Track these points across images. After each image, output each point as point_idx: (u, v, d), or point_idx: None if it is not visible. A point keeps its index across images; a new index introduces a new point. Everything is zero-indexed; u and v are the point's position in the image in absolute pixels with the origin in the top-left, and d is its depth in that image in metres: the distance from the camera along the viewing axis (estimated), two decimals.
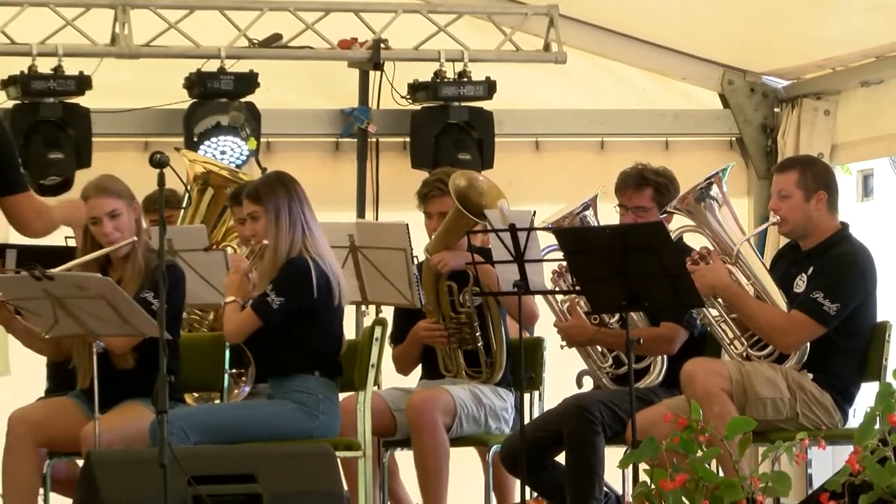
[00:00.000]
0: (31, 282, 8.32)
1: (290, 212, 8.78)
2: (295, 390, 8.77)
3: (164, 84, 12.58)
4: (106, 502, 7.36)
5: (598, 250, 8.83)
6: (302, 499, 7.58)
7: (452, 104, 12.80)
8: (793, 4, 12.11)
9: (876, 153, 14.81)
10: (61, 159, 12.24)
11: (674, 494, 7.23)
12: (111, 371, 8.52)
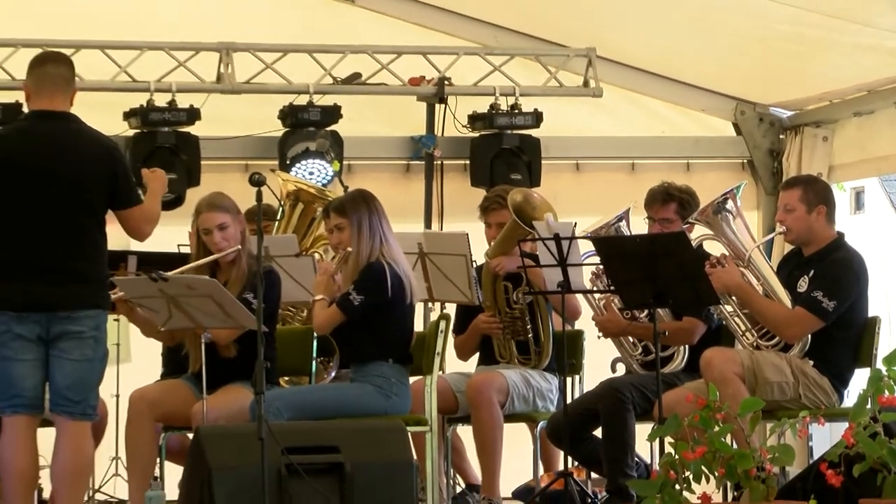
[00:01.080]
0: (149, 283, 8.36)
1: (370, 223, 8.82)
2: (372, 375, 8.81)
3: (261, 115, 12.59)
4: (212, 470, 7.38)
5: (629, 256, 8.86)
6: (378, 467, 7.58)
7: (506, 132, 12.77)
8: (795, 45, 12.05)
9: (867, 173, 14.81)
10: (175, 179, 12.22)
11: (694, 464, 7.22)
12: (216, 358, 8.56)
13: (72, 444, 7.91)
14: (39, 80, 8.01)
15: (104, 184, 7.94)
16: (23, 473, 7.89)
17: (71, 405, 7.85)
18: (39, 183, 7.85)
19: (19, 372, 7.82)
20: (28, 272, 7.81)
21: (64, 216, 7.87)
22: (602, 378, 9.59)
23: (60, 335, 7.80)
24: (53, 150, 7.90)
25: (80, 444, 7.96)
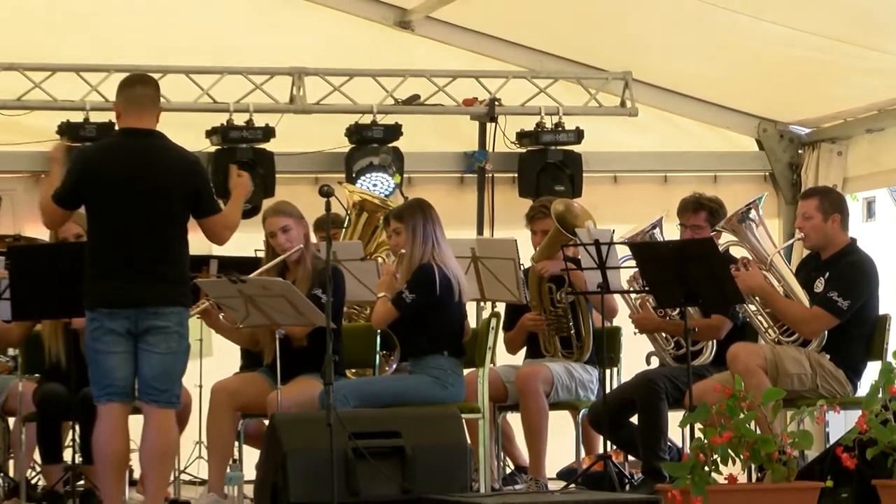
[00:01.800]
0: (229, 284, 8.39)
1: (423, 229, 8.83)
2: (430, 367, 8.80)
3: (330, 133, 12.61)
4: (286, 454, 7.40)
5: (662, 260, 8.85)
6: (435, 451, 7.59)
7: (550, 148, 12.77)
8: (813, 69, 12.02)
9: (878, 185, 14.78)
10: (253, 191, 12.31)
11: (721, 448, 7.20)
12: (289, 352, 8.57)
13: (158, 430, 7.92)
14: (128, 100, 8.02)
15: (187, 195, 7.94)
16: (116, 456, 7.90)
17: (157, 394, 7.86)
18: (129, 194, 7.85)
19: (111, 364, 7.82)
20: (119, 273, 7.81)
21: (151, 224, 7.87)
22: (638, 370, 9.58)
23: (148, 330, 7.80)
24: (142, 164, 7.90)
25: (165, 430, 7.96)
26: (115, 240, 7.88)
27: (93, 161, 8.07)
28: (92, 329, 7.86)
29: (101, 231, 7.92)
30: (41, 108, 12.06)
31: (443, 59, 13.00)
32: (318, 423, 7.42)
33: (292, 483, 7.32)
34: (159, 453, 7.94)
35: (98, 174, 7.93)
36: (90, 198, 7.93)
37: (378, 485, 7.39)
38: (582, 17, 12.39)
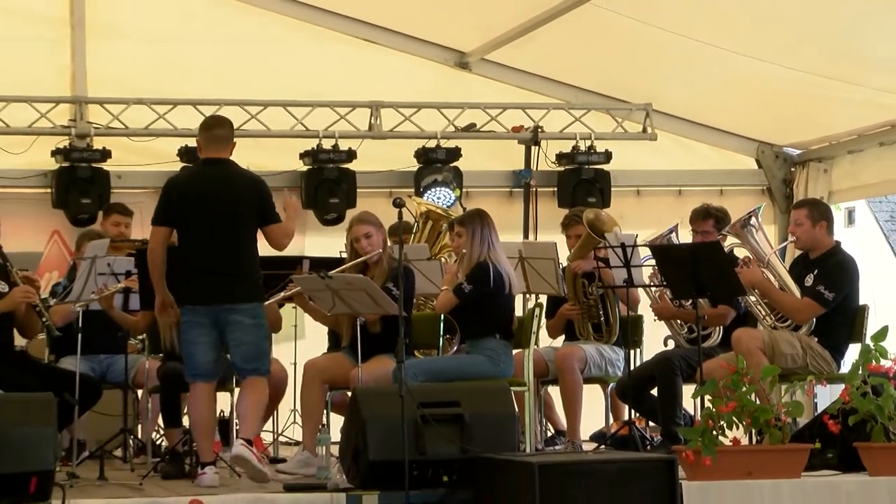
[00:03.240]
0: (319, 280, 8.39)
1: (481, 233, 8.83)
2: (484, 347, 8.78)
3: (401, 155, 12.63)
4: (365, 421, 7.38)
5: (677, 259, 8.85)
6: (488, 418, 7.55)
7: (584, 167, 12.75)
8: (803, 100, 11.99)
9: (857, 196, 14.89)
10: (337, 203, 12.33)
11: (727, 415, 7.20)
12: (367, 335, 8.56)
13: (249, 389, 8.06)
14: (208, 138, 8.18)
15: (253, 208, 8.06)
16: (205, 422, 8.06)
17: (246, 371, 8.03)
18: (210, 210, 7.98)
19: (197, 352, 7.99)
20: (203, 275, 7.95)
21: (227, 233, 8.00)
22: (657, 351, 9.53)
23: (229, 323, 7.95)
24: (218, 186, 8.05)
25: (255, 389, 8.08)
26: (198, 248, 8.01)
27: (180, 185, 8.24)
28: (183, 322, 8.06)
29: (187, 241, 8.07)
30: (164, 135, 12.12)
31: (495, 93, 12.99)
32: (391, 394, 7.40)
33: (371, 444, 7.30)
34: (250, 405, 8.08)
35: (184, 195, 8.09)
36: (179, 215, 8.07)
37: (441, 446, 7.37)
38: (610, 58, 12.38)
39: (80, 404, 8.52)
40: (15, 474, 6.85)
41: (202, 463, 7.90)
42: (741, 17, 10.83)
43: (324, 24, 12.72)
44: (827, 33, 10.78)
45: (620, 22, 11.23)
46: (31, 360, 9.12)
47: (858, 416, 7.34)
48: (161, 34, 12.38)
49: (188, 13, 12.46)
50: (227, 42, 12.50)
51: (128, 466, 8.95)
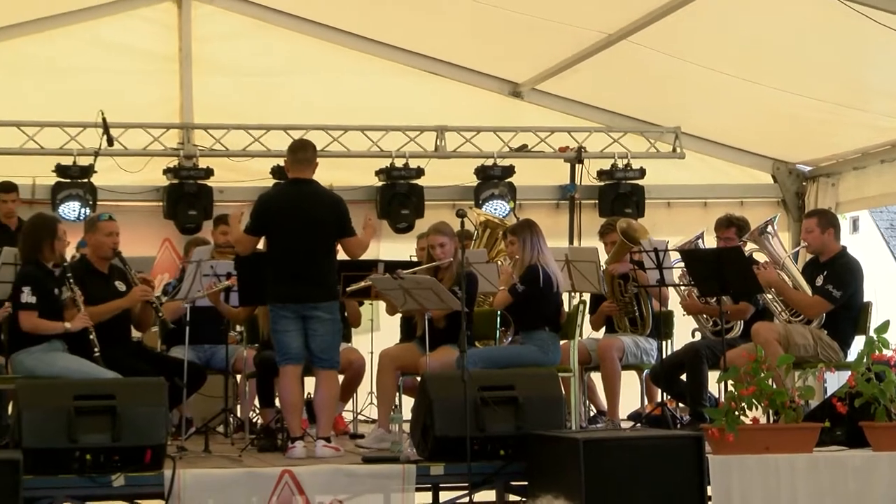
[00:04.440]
0: (392, 280, 8.41)
1: (531, 240, 8.81)
2: (535, 339, 8.76)
3: (463, 172, 12.62)
4: (432, 401, 7.40)
5: (704, 262, 8.78)
6: (539, 400, 7.54)
7: (621, 182, 12.70)
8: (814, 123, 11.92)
9: (861, 207, 14.80)
10: (407, 214, 12.35)
11: (747, 398, 7.16)
12: (434, 328, 8.57)
13: (325, 385, 8.12)
14: (294, 160, 8.23)
15: (332, 224, 8.10)
16: (294, 402, 8.10)
17: (322, 361, 8.07)
18: (295, 224, 8.02)
19: (286, 339, 8.03)
20: (290, 278, 8.00)
21: (309, 244, 8.03)
22: (686, 342, 9.47)
23: (310, 317, 8.00)
24: (303, 203, 8.09)
25: (330, 384, 8.17)
26: (285, 255, 8.05)
27: (270, 201, 8.29)
28: (272, 316, 8.12)
29: (276, 249, 8.13)
30: (259, 155, 12.19)
31: (544, 118, 12.97)
32: (455, 379, 7.42)
33: (437, 422, 7.32)
34: (326, 399, 8.14)
35: (274, 210, 8.15)
36: (269, 227, 8.13)
37: (498, 424, 7.37)
38: (644, 88, 12.32)
39: (188, 387, 8.57)
40: (133, 447, 6.92)
41: (292, 438, 7.94)
42: (758, 52, 10.79)
43: (396, 59, 12.75)
44: (835, 65, 10.72)
45: (653, 56, 11.21)
46: (145, 349, 9.20)
47: (863, 398, 7.28)
48: (255, 69, 12.46)
49: (279, 51, 12.53)
50: (312, 75, 12.56)
51: (228, 441, 8.97)
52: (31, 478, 6.60)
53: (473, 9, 11.09)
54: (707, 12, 10.10)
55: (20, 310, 8.06)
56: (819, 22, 9.70)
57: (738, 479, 6.98)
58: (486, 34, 11.89)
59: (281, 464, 7.30)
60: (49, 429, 6.82)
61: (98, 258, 8.65)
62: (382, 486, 7.16)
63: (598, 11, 10.85)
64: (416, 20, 11.98)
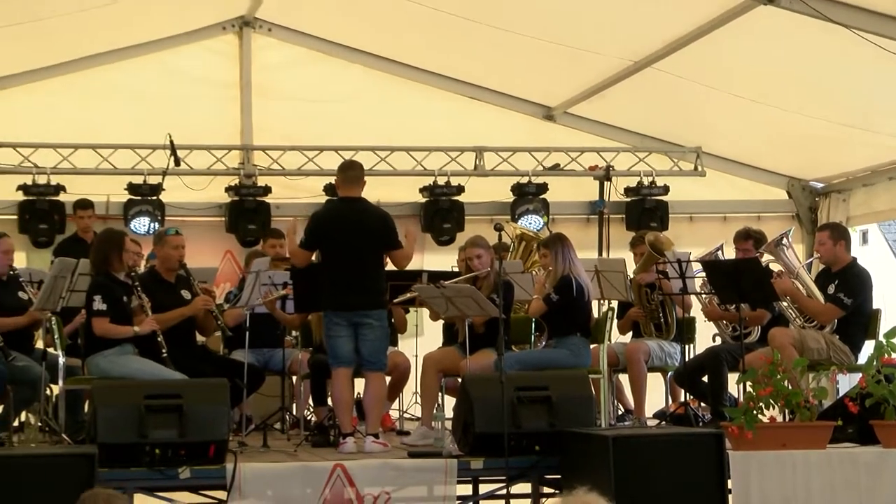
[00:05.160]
0: (435, 289, 8.41)
1: (563, 253, 8.78)
2: (567, 343, 8.72)
3: (500, 189, 12.62)
4: (472, 400, 7.39)
5: (724, 272, 8.72)
6: (571, 399, 7.52)
7: (647, 198, 12.67)
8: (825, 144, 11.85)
9: (870, 221, 14.68)
10: (449, 228, 12.37)
11: (765, 398, 7.12)
12: (473, 333, 8.56)
13: (374, 385, 8.17)
14: (344, 179, 8.27)
15: (380, 238, 8.12)
16: (345, 401, 8.11)
17: (371, 364, 8.10)
18: (346, 239, 8.04)
19: (338, 344, 8.04)
20: (341, 289, 8.01)
21: (359, 257, 8.04)
22: (707, 346, 9.44)
23: (360, 324, 8.01)
24: (353, 219, 8.11)
25: (378, 385, 8.21)
26: (337, 267, 8.06)
27: (323, 217, 8.32)
28: (326, 322, 8.14)
29: (330, 262, 8.14)
30: (313, 174, 12.23)
31: (574, 139, 12.95)
32: (494, 380, 7.40)
33: (477, 420, 7.31)
34: (374, 398, 8.17)
35: (327, 226, 8.17)
36: (323, 241, 8.15)
37: (533, 421, 7.36)
38: (667, 111, 12.29)
39: (248, 387, 8.58)
40: (197, 442, 6.95)
41: (343, 434, 7.96)
42: (773, 77, 10.73)
43: (438, 85, 12.78)
44: (845, 89, 10.65)
45: (675, 82, 11.18)
46: (209, 352, 9.23)
47: (873, 399, 7.22)
48: (309, 95, 12.53)
49: (331, 78, 12.59)
50: (361, 100, 12.61)
51: (285, 437, 9.00)
52: (106, 470, 6.63)
53: (509, 38, 11.10)
54: (726, 41, 10.07)
55: (92, 316, 8.11)
56: (830, 49, 9.65)
57: (757, 473, 6.93)
58: (522, 62, 11.89)
59: (333, 458, 7.31)
60: (122, 425, 6.86)
61: (166, 269, 8.70)
62: (427, 479, 7.16)
63: (626, 40, 10.84)
64: (457, 50, 12.00)
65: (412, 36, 12.00)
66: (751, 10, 9.36)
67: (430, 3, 10.81)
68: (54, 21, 10.88)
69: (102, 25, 11.38)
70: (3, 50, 11.21)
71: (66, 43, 11.62)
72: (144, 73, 12.26)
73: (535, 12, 10.61)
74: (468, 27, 11.04)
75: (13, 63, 11.75)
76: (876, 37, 9.01)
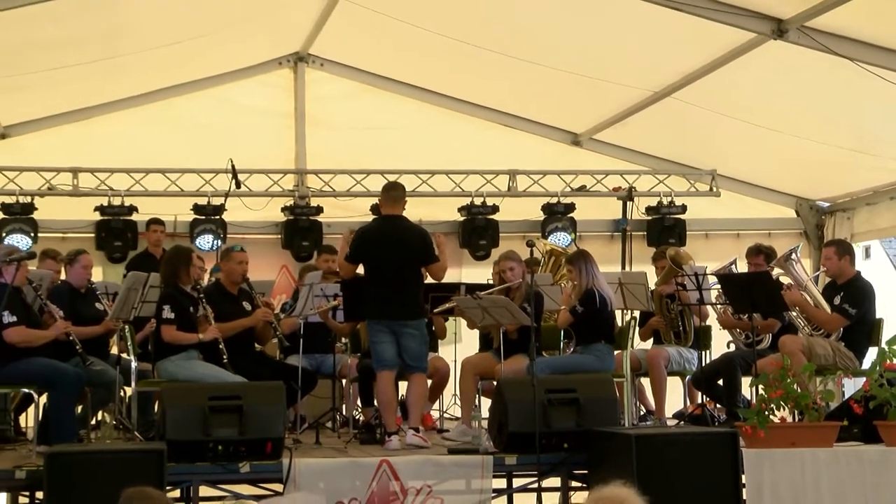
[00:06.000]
0: (472, 300, 8.40)
1: (586, 268, 8.72)
2: (593, 349, 8.66)
3: (531, 208, 12.62)
4: (507, 402, 7.38)
5: (737, 284, 8.67)
6: (597, 400, 7.49)
7: (666, 216, 12.62)
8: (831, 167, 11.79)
9: (873, 237, 14.54)
10: (485, 244, 12.36)
11: (776, 400, 7.06)
12: (507, 340, 8.53)
13: (415, 385, 8.14)
14: (387, 198, 8.25)
15: (419, 253, 8.07)
16: (389, 401, 8.06)
17: (413, 368, 8.07)
18: (391, 253, 8.01)
19: (382, 349, 7.99)
20: (384, 300, 7.97)
21: (401, 270, 8.01)
22: (722, 352, 9.35)
23: (402, 332, 7.97)
24: (395, 235, 8.07)
25: (420, 384, 8.16)
26: (380, 280, 8.04)
27: (367, 234, 8.27)
28: (370, 329, 8.11)
29: (372, 275, 8.12)
30: (360, 195, 12.27)
31: (599, 163, 12.92)
32: (526, 384, 7.40)
33: (511, 420, 7.30)
34: (416, 396, 8.14)
35: (371, 242, 8.14)
36: (367, 256, 8.14)
37: (562, 421, 7.33)
38: (685, 137, 12.27)
39: (301, 390, 8.60)
40: (256, 439, 6.97)
41: (389, 432, 7.95)
42: (783, 105, 10.69)
43: (474, 114, 12.79)
44: (850, 117, 10.59)
45: (693, 110, 11.15)
46: (266, 357, 9.26)
47: (877, 401, 7.14)
48: (357, 123, 12.58)
49: (377, 108, 12.62)
50: (404, 127, 12.63)
51: (335, 435, 9.00)
52: (173, 465, 6.66)
53: (540, 71, 11.11)
54: (738, 73, 10.04)
55: (161, 324, 8.17)
56: (835, 80, 9.60)
57: (769, 469, 6.88)
58: (551, 93, 11.89)
59: (379, 454, 7.31)
60: (188, 424, 6.90)
61: (230, 282, 8.75)
62: (465, 474, 7.15)
63: (646, 73, 10.83)
64: (492, 81, 12.01)
65: (451, 69, 12.03)
66: (761, 45, 9.34)
67: (468, 39, 10.84)
68: (129, 59, 10.99)
69: (171, 62, 11.49)
70: (85, 85, 11.33)
71: (139, 78, 11.73)
72: (208, 105, 12.35)
73: (564, 47, 10.62)
74: (502, 61, 11.06)
75: (93, 96, 11.88)
76: (878, 69, 8.98)
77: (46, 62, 10.36)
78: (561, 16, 9.92)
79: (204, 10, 10.41)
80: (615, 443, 6.97)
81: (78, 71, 10.77)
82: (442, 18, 10.62)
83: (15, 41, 9.67)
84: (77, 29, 9.74)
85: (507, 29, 10.49)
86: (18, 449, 7.99)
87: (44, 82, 10.87)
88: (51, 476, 6.22)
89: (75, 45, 10.18)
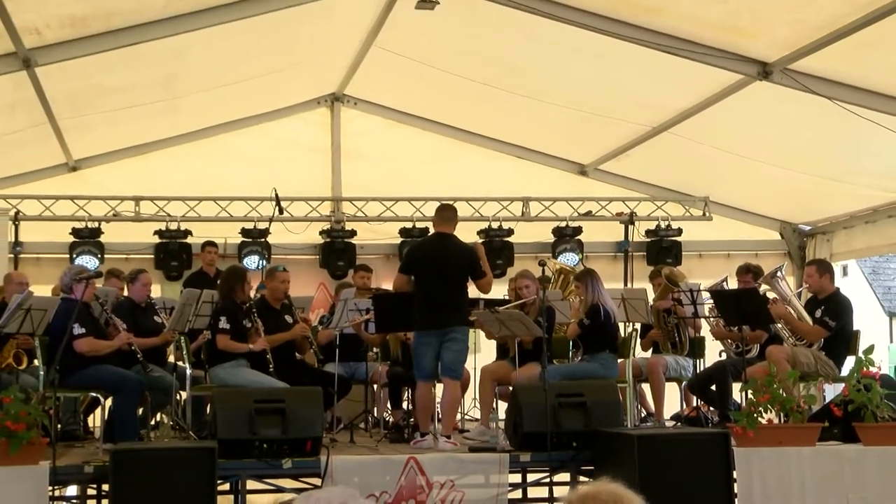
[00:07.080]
0: (490, 314, 8.38)
1: (592, 285, 8.71)
2: (599, 358, 8.64)
3: (543, 232, 12.62)
4: (521, 405, 7.37)
5: (728, 300, 8.62)
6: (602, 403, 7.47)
7: (663, 239, 12.61)
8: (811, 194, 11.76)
9: (850, 257, 14.45)
10: (501, 263, 12.34)
11: (763, 404, 7.02)
12: (522, 350, 8.52)
13: (450, 392, 8.02)
14: (440, 219, 8.22)
15: (467, 266, 8.00)
16: (425, 406, 8.01)
17: (450, 373, 7.95)
18: (439, 267, 7.95)
19: (424, 360, 7.93)
20: (432, 310, 7.91)
21: (448, 283, 7.94)
22: (715, 360, 9.34)
23: (446, 339, 7.89)
24: (444, 251, 8.01)
25: (453, 392, 8.06)
26: (429, 292, 7.96)
27: (418, 249, 8.26)
28: (415, 339, 8.03)
29: (422, 287, 8.02)
30: (390, 220, 12.30)
31: (604, 191, 12.91)
32: (538, 388, 7.38)
33: (525, 421, 7.29)
34: (450, 402, 8.06)
35: (422, 256, 8.10)
36: (418, 269, 8.06)
37: (571, 421, 7.31)
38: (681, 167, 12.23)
39: (337, 394, 8.59)
40: (297, 439, 6.98)
41: (421, 432, 7.92)
42: (768, 139, 10.68)
43: (491, 147, 12.79)
44: (829, 150, 10.56)
45: (688, 144, 11.14)
46: (306, 366, 9.26)
47: (855, 404, 7.11)
48: (387, 155, 12.61)
49: (405, 142, 12.64)
50: (428, 159, 12.65)
51: (368, 434, 9.00)
52: (224, 461, 6.68)
53: (550, 109, 11.13)
54: (728, 110, 10.04)
55: (217, 333, 8.20)
56: (815, 117, 9.58)
57: (758, 465, 6.85)
58: (560, 127, 11.90)
59: (407, 452, 7.29)
60: (236, 424, 6.91)
61: (273, 298, 8.78)
62: (484, 469, 7.13)
63: (646, 110, 10.84)
64: (507, 118, 12.03)
65: (471, 107, 12.06)
66: (748, 85, 9.35)
67: (486, 81, 10.88)
68: (184, 100, 11.08)
69: (222, 103, 11.57)
70: (146, 123, 11.43)
71: (193, 117, 11.82)
72: (255, 140, 12.42)
73: (571, 88, 10.64)
74: (516, 100, 11.08)
75: (153, 133, 11.97)
76: (854, 106, 8.96)
77: (113, 104, 10.47)
78: (569, 60, 9.95)
79: (252, 57, 10.50)
80: (619, 442, 6.95)
81: (140, 111, 10.88)
82: (462, 63, 10.66)
83: (86, 86, 9.77)
84: (140, 75, 9.84)
85: (521, 71, 10.52)
86: (87, 446, 8.03)
87: (110, 121, 10.99)
88: (115, 470, 6.25)
89: (138, 89, 10.28)
